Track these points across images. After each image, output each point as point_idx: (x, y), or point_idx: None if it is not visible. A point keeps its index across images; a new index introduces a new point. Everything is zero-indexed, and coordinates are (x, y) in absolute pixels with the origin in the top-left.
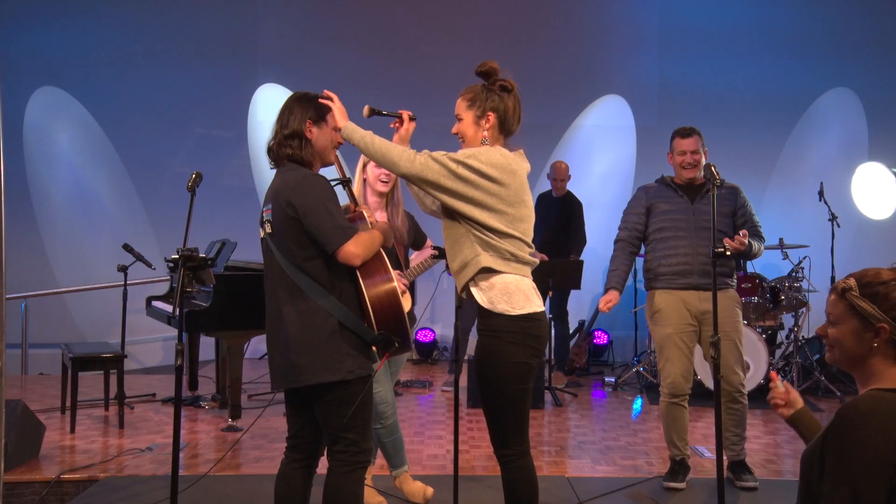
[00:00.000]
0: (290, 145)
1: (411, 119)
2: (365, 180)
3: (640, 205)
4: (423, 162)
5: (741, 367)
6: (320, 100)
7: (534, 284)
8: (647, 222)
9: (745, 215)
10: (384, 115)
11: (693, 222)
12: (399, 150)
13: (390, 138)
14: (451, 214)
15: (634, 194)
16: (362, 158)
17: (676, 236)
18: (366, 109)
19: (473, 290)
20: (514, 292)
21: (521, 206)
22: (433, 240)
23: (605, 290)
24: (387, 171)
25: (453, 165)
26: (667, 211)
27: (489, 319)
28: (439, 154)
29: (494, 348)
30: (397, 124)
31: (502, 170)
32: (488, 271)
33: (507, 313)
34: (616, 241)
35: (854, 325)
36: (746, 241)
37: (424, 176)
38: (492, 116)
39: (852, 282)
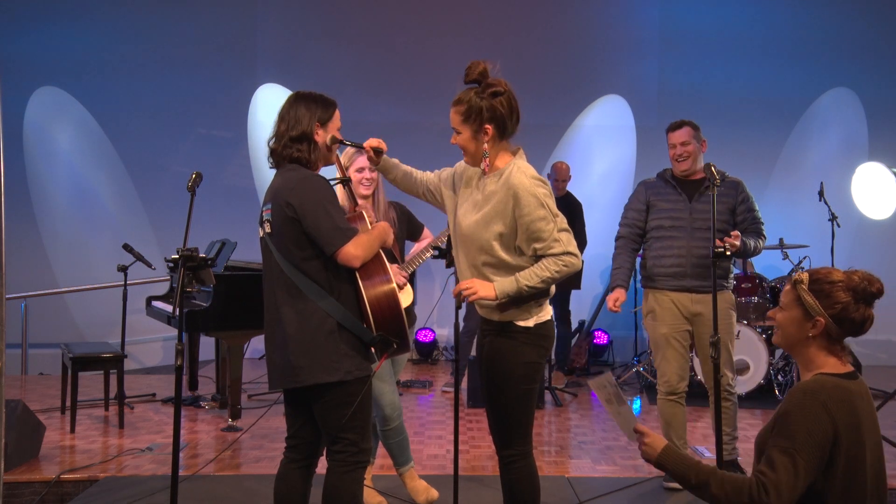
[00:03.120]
0: (297, 148)
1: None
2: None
3: (639, 201)
4: (567, 238)
5: (730, 368)
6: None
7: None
8: (647, 218)
9: (745, 212)
10: (348, 144)
11: (690, 222)
12: (553, 263)
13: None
14: (512, 252)
15: (635, 189)
16: (345, 160)
17: (672, 236)
18: (328, 138)
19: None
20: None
21: None
22: (430, 230)
23: (612, 289)
24: (369, 175)
25: (559, 222)
26: (664, 209)
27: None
28: (550, 227)
29: (509, 348)
30: (367, 152)
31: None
32: None
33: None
34: (617, 238)
35: (797, 313)
36: (738, 243)
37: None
38: (490, 129)
39: (805, 275)
